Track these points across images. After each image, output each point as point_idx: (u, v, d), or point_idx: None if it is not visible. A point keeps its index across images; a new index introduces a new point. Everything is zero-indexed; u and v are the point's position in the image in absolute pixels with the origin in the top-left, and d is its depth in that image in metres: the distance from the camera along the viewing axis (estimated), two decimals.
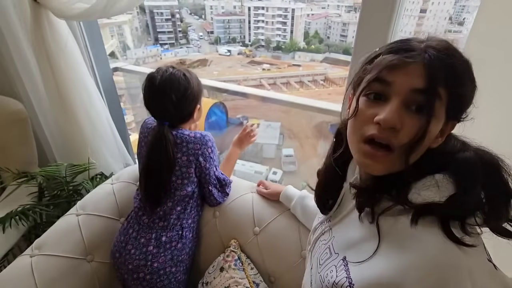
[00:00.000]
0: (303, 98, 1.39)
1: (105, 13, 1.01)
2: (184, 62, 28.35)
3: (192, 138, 0.90)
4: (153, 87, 0.88)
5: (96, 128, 1.33)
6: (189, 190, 0.94)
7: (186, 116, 0.94)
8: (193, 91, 0.91)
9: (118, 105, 1.68)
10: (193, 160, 0.91)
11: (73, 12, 1.00)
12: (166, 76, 0.88)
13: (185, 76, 0.90)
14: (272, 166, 10.86)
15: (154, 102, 0.90)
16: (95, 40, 1.41)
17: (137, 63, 27.82)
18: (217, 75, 26.01)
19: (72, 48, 1.18)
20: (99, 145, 1.36)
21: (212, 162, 0.95)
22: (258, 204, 1.03)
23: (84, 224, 1.02)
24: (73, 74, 1.20)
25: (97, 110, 1.33)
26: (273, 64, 28.80)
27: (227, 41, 35.77)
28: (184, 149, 0.90)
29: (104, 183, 1.17)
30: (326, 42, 33.84)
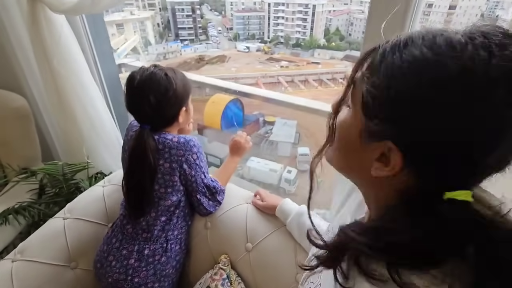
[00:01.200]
0: (302, 99, 1.34)
1: (93, 8, 1.01)
2: (203, 58, 28.66)
3: (175, 143, 0.83)
4: (131, 88, 0.82)
5: (94, 126, 1.30)
6: (174, 199, 0.87)
7: (169, 120, 0.87)
8: (176, 93, 0.83)
9: (123, 103, 1.69)
10: (176, 167, 0.84)
11: (65, 7, 0.98)
12: (146, 75, 0.81)
13: (166, 76, 0.82)
14: (287, 164, 10.79)
15: (133, 104, 0.84)
16: (100, 35, 1.38)
17: (158, 58, 28.46)
18: (235, 72, 26.06)
19: (68, 43, 1.15)
20: (97, 144, 1.34)
21: (198, 169, 0.87)
22: (252, 217, 0.96)
23: (70, 229, 0.97)
24: (69, 71, 1.17)
25: (96, 108, 1.29)
26: (292, 61, 28.45)
27: (246, 38, 35.74)
28: (166, 155, 0.83)
29: (96, 185, 1.13)
30: (347, 39, 33.00)
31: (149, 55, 28.35)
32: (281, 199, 0.94)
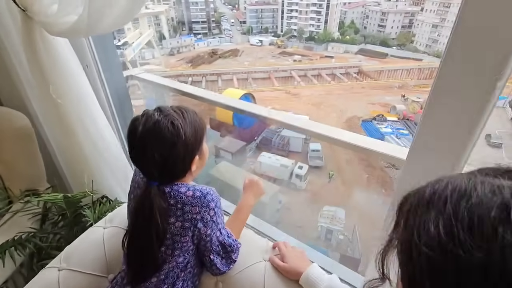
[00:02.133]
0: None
1: (90, 32, 0.95)
2: (216, 52, 28.71)
3: (190, 199, 0.70)
4: (133, 140, 0.70)
5: (98, 149, 1.23)
6: (181, 260, 0.75)
7: (179, 174, 0.75)
8: (185, 144, 0.70)
9: (131, 117, 1.58)
10: (189, 226, 0.71)
11: (60, 29, 0.91)
12: (149, 127, 0.68)
13: (173, 125, 0.69)
14: (298, 160, 10.80)
15: (136, 161, 0.73)
16: (106, 47, 1.30)
17: (172, 52, 28.75)
18: (247, 66, 26.00)
19: (67, 64, 1.08)
20: (103, 169, 1.26)
21: (214, 227, 0.75)
22: (272, 281, 0.81)
23: (64, 283, 0.85)
24: (69, 95, 1.10)
25: (100, 130, 1.22)
26: (305, 55, 28.08)
27: (259, 31, 35.46)
28: (178, 212, 0.70)
29: (96, 226, 1.02)
30: (362, 32, 32.19)
31: (163, 49, 28.67)
32: (307, 262, 0.79)
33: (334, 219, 7.65)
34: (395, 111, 16.75)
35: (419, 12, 30.19)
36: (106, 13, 0.84)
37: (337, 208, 8.08)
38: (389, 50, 27.88)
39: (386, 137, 13.87)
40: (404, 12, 30.89)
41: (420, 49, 28.56)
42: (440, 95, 0.53)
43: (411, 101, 17.39)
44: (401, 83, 21.97)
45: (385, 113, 16.59)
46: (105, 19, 0.86)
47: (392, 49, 28.46)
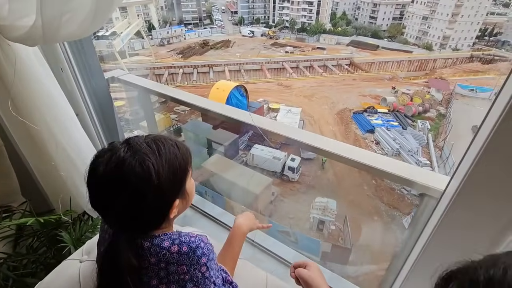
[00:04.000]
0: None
1: (48, 39, 0.84)
2: (207, 43, 28.26)
3: (175, 256, 0.56)
4: (92, 182, 0.55)
5: (75, 164, 1.12)
6: None
7: (152, 225, 0.59)
8: (159, 191, 0.55)
9: (113, 120, 1.45)
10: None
11: (17, 34, 0.82)
12: (112, 167, 0.53)
13: (142, 167, 0.53)
14: (290, 152, 10.90)
15: (97, 207, 0.56)
16: (84, 49, 1.20)
17: (162, 43, 28.14)
18: (239, 57, 25.75)
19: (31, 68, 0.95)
20: (80, 184, 1.15)
21: (208, 282, 0.60)
22: None
23: None
24: (36, 103, 0.98)
25: (76, 143, 1.12)
26: (297, 46, 27.94)
27: (251, 22, 34.98)
28: (162, 273, 0.56)
29: (71, 258, 0.89)
30: (353, 24, 32.15)
31: (153, 40, 28.03)
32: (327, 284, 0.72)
33: (326, 210, 7.82)
34: (386, 103, 16.99)
35: (409, 4, 30.30)
36: (66, 21, 0.77)
37: (328, 199, 8.24)
38: (380, 42, 28.02)
39: (377, 128, 14.08)
40: (395, 3, 30.95)
41: (410, 41, 28.80)
42: None
43: (401, 93, 17.65)
44: (391, 75, 22.21)
45: (376, 105, 16.83)
46: (67, 27, 0.79)
47: (383, 41, 28.61)
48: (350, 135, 13.89)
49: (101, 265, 0.58)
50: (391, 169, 0.80)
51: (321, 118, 16.00)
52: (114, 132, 1.49)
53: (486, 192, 0.41)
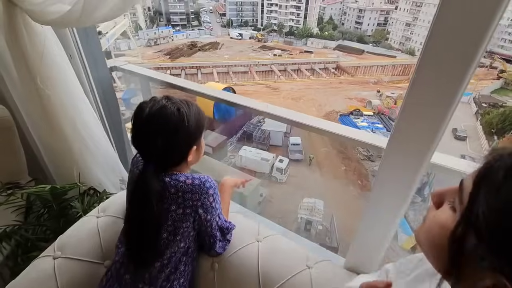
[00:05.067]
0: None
1: (82, 22, 0.90)
2: (195, 44, 28.11)
3: (189, 187, 0.73)
4: (138, 122, 0.72)
5: (86, 143, 1.20)
6: (182, 245, 0.77)
7: (176, 161, 0.77)
8: (187, 131, 0.73)
9: (116, 108, 1.50)
10: (190, 213, 0.74)
11: (49, 18, 0.87)
12: (156, 110, 0.71)
13: (179, 111, 0.72)
14: (279, 154, 10.98)
15: (139, 141, 0.73)
16: (89, 38, 1.26)
17: (149, 43, 27.77)
18: (227, 59, 25.75)
19: (54, 56, 1.03)
20: (90, 161, 1.24)
21: (214, 212, 0.79)
22: (265, 259, 0.85)
23: (61, 271, 0.84)
24: (56, 85, 1.06)
25: (87, 123, 1.19)
26: (285, 50, 28.24)
27: (239, 24, 35.09)
28: (180, 200, 0.73)
29: (89, 215, 1.00)
30: (340, 28, 32.84)
31: (139, 40, 27.61)
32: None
33: (313, 210, 7.92)
34: (371, 106, 17.41)
35: (393, 11, 31.28)
36: (101, 3, 0.83)
37: (316, 200, 8.36)
38: (365, 47, 28.73)
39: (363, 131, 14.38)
40: (380, 10, 31.87)
41: (394, 46, 29.69)
42: (416, 89, 0.59)
43: (386, 97, 18.13)
44: (376, 79, 22.81)
45: (361, 108, 17.21)
46: (100, 9, 0.85)
47: (368, 46, 29.34)
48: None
49: (132, 194, 0.75)
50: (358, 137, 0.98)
51: None
52: (117, 121, 1.54)
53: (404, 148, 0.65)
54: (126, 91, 7.83)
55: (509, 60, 22.39)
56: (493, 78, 20.99)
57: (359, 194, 10.14)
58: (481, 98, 17.96)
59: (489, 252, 0.29)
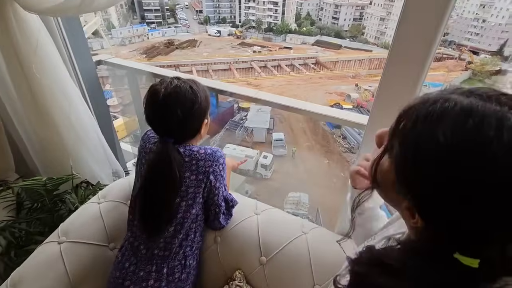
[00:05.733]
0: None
1: (82, 9, 0.89)
2: (172, 42, 27.42)
3: (203, 155, 0.81)
4: (156, 102, 0.78)
5: (78, 135, 1.20)
6: (193, 212, 0.84)
7: (192, 133, 0.85)
8: (200, 106, 0.81)
9: (103, 102, 1.51)
10: (202, 178, 0.82)
11: (44, 6, 0.86)
12: (171, 89, 0.78)
13: (191, 89, 0.80)
14: (262, 150, 10.97)
15: (157, 119, 0.80)
16: (74, 31, 1.23)
17: (123, 42, 26.75)
18: (207, 57, 25.35)
19: (46, 46, 1.02)
20: (83, 153, 1.24)
21: (222, 181, 0.86)
22: (264, 229, 0.92)
23: (67, 254, 0.87)
24: (48, 76, 1.05)
25: (79, 114, 1.18)
26: (264, 46, 28.20)
27: (217, 21, 34.62)
28: (193, 167, 0.81)
29: (90, 202, 1.03)
30: (317, 24, 33.24)
31: (113, 39, 26.53)
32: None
33: (299, 204, 7.99)
34: (350, 99, 17.80)
35: (368, 6, 32.06)
36: None
37: (301, 194, 8.43)
38: (342, 42, 29.25)
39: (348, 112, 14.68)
40: (355, 5, 32.53)
41: (370, 40, 30.47)
42: (388, 76, 0.72)
43: (364, 90, 18.62)
44: (354, 73, 23.32)
45: (341, 102, 17.55)
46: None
47: (345, 41, 29.89)
48: (318, 131, 14.33)
49: (153, 163, 0.80)
50: (346, 117, 1.07)
51: (291, 115, 16.29)
52: (105, 113, 1.51)
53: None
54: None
55: (475, 52, 23.63)
56: (462, 69, 22.11)
57: (342, 186, 10.34)
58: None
59: (398, 180, 0.36)
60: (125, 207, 1.00)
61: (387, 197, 0.43)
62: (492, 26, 23.39)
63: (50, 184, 1.14)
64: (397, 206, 0.41)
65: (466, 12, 25.52)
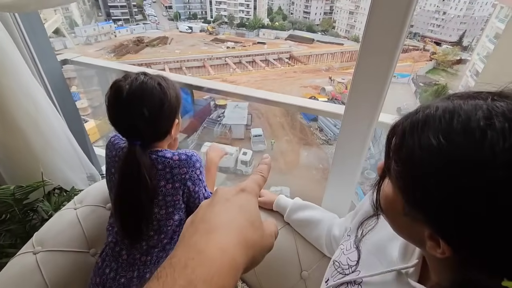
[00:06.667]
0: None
1: (43, 4, 0.84)
2: (142, 40, 26.38)
3: (177, 162, 0.75)
4: (119, 99, 0.71)
5: (47, 139, 1.13)
6: (176, 218, 0.80)
7: (161, 134, 0.78)
8: (170, 104, 0.74)
9: (72, 104, 1.43)
10: (179, 186, 0.76)
11: (2, 1, 0.81)
12: (136, 85, 0.71)
13: (160, 85, 0.73)
14: (242, 146, 10.96)
15: (121, 118, 0.72)
16: (35, 29, 1.15)
17: (89, 41, 25.31)
18: (179, 54, 24.68)
19: (4, 45, 0.96)
20: (53, 158, 1.17)
21: (201, 184, 0.82)
22: None
23: (45, 264, 0.83)
24: (9, 79, 0.98)
25: (47, 117, 1.12)
26: (238, 42, 27.97)
27: (188, 17, 33.77)
28: (168, 175, 0.75)
29: (65, 208, 0.98)
30: (289, 19, 33.52)
31: (77, 38, 25.00)
32: (276, 195, 1.03)
33: None
34: (325, 92, 18.22)
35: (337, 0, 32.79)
36: None
37: (282, 187, 8.54)
38: (315, 36, 29.74)
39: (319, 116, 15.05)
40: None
41: (341, 34, 31.25)
42: (362, 68, 0.74)
43: (337, 83, 19.13)
44: (327, 66, 23.85)
45: (316, 95, 17.91)
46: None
47: (317, 35, 30.42)
48: (296, 124, 14.55)
49: (122, 170, 0.73)
50: (325, 108, 1.10)
51: (268, 111, 16.39)
52: (75, 117, 1.45)
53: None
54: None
55: (438, 42, 25.05)
56: (426, 60, 23.34)
57: (321, 178, 10.62)
58: (418, 79, 19.98)
59: (407, 202, 0.33)
60: (104, 210, 0.97)
61: (400, 227, 0.38)
62: (452, 18, 24.86)
63: (18, 193, 1.07)
64: (416, 237, 0.34)
65: (428, 5, 26.88)
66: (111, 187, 0.82)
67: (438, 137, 0.28)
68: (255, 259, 0.25)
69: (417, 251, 0.43)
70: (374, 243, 0.53)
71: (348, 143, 0.85)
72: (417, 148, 0.30)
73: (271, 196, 1.03)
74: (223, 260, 0.22)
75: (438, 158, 0.28)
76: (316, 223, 0.88)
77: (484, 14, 23.63)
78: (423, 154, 0.29)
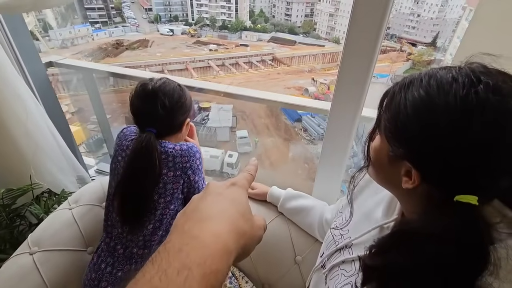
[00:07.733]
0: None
1: (38, 5, 0.85)
2: (121, 43, 25.73)
3: (179, 151, 0.81)
4: (145, 92, 0.82)
5: (37, 142, 1.12)
6: (172, 208, 0.83)
7: (175, 127, 0.87)
8: (186, 101, 0.86)
9: (57, 106, 1.42)
10: (180, 174, 0.82)
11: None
12: (160, 83, 0.83)
13: (179, 86, 0.86)
14: (227, 149, 10.92)
15: (145, 106, 0.82)
16: (18, 30, 1.15)
17: (64, 44, 24.39)
18: (160, 57, 24.29)
19: None
20: (43, 160, 1.16)
21: (200, 175, 0.87)
22: None
23: (43, 264, 0.83)
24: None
25: (35, 120, 1.11)
26: (220, 44, 27.90)
27: (169, 20, 33.32)
28: (170, 164, 0.80)
29: (59, 209, 0.98)
30: (271, 21, 33.84)
31: (51, 41, 24.04)
32: (269, 187, 1.07)
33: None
34: (308, 93, 18.50)
35: (318, 2, 33.46)
36: None
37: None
38: (297, 38, 30.17)
39: (304, 117, 15.29)
40: (305, 1, 33.71)
41: (321, 36, 31.89)
42: (345, 68, 0.80)
43: (320, 83, 19.50)
44: (310, 68, 24.26)
45: (300, 96, 18.17)
46: None
47: (299, 37, 30.88)
48: (280, 125, 14.69)
49: (134, 153, 0.78)
50: (313, 104, 1.18)
51: (252, 112, 16.44)
52: (62, 120, 1.43)
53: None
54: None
55: (414, 43, 26.11)
56: (403, 60, 24.26)
57: (307, 177, 10.78)
58: (396, 78, 20.56)
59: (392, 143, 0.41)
60: (100, 209, 0.97)
61: (382, 173, 0.47)
62: (426, 20, 26.02)
63: (7, 198, 1.06)
64: (393, 180, 0.43)
65: (403, 8, 27.98)
66: (114, 175, 0.86)
67: (419, 91, 0.37)
68: (246, 248, 0.27)
69: (397, 208, 0.54)
70: (362, 212, 0.62)
71: (335, 136, 0.92)
72: (403, 99, 0.39)
73: (264, 188, 1.07)
74: (217, 245, 0.23)
75: (419, 105, 0.37)
76: (308, 210, 0.94)
77: (455, 16, 24.93)
78: (407, 103, 0.38)
